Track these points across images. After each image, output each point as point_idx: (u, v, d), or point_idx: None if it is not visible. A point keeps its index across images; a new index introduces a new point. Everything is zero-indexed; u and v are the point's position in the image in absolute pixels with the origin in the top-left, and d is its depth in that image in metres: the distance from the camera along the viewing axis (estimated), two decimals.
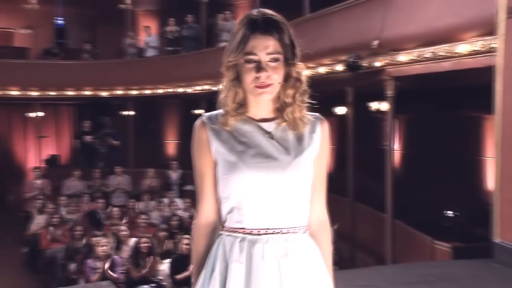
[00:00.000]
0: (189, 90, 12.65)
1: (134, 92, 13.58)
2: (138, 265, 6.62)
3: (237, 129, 1.66)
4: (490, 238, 4.97)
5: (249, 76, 1.59)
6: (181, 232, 7.54)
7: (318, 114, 1.73)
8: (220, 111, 1.68)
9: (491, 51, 5.25)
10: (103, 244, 6.75)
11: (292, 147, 1.65)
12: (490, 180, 6.79)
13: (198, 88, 12.28)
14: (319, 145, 1.70)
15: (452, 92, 8.19)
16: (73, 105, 15.05)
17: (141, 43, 14.02)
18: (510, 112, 4.83)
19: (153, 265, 6.69)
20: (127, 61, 13.55)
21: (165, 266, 6.72)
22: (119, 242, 7.34)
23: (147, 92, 13.46)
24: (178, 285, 6.31)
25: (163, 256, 7.03)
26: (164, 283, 6.53)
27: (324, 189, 1.76)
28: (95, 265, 6.61)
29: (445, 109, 8.61)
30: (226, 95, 1.65)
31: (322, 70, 8.45)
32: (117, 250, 7.16)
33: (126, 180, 11.42)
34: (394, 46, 6.97)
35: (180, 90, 12.90)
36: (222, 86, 1.67)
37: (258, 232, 1.62)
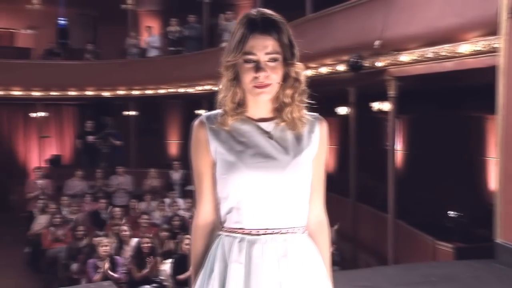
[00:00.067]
0: (191, 90, 12.63)
1: (136, 92, 13.56)
2: (140, 265, 6.62)
3: (236, 129, 1.65)
4: (492, 239, 4.96)
5: (248, 76, 1.58)
6: (183, 232, 7.53)
7: (317, 114, 1.72)
8: (219, 111, 1.67)
9: (493, 51, 5.24)
10: (105, 244, 6.75)
11: (291, 147, 1.65)
12: (492, 181, 6.78)
13: (200, 88, 12.25)
14: (318, 145, 1.69)
15: (454, 92, 8.18)
16: (75, 105, 15.07)
17: (143, 43, 13.99)
18: None
19: (155, 265, 6.71)
20: (129, 61, 13.54)
21: (166, 266, 6.72)
22: (121, 242, 7.35)
23: (149, 92, 13.43)
24: (179, 285, 6.30)
25: (165, 256, 7.03)
26: (166, 283, 6.53)
27: (322, 189, 1.75)
28: (97, 265, 6.61)
29: (447, 109, 8.59)
30: (224, 95, 1.65)
31: (324, 70, 8.44)
32: (119, 250, 7.17)
33: (128, 180, 11.42)
34: (396, 46, 6.96)
35: (182, 90, 12.88)
36: (221, 86, 1.66)
37: (257, 232, 1.62)
